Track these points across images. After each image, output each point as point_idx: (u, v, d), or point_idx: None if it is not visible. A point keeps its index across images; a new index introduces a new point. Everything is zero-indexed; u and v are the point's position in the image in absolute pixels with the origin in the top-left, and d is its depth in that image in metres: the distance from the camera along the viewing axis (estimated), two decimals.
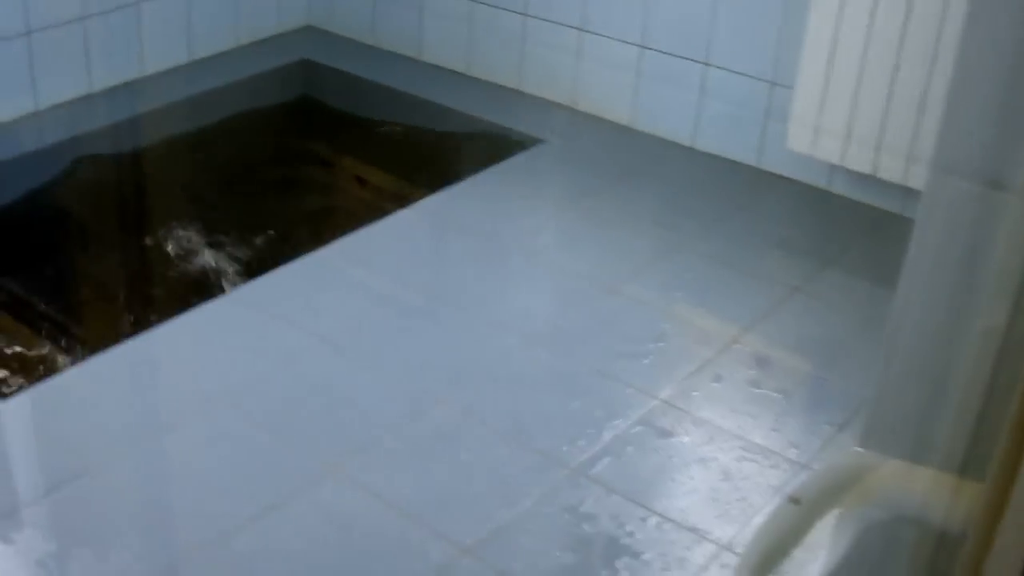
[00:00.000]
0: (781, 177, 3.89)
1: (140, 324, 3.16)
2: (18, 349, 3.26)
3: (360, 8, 4.70)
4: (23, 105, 4.03)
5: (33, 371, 3.05)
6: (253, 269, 3.52)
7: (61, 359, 3.14)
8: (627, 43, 4.08)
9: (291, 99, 4.59)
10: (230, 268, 3.60)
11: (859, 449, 2.19)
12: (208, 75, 4.47)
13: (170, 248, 3.80)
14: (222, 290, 3.37)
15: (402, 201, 3.75)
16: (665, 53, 4.02)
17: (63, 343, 3.30)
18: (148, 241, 3.82)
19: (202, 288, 3.39)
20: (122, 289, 3.60)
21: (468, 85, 4.44)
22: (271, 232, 3.74)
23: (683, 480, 2.65)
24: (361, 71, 4.55)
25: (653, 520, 2.53)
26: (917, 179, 3.44)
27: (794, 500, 2.20)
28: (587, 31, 4.16)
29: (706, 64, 3.95)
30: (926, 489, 1.96)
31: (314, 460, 2.64)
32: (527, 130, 4.12)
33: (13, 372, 3.08)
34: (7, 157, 3.88)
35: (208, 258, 3.73)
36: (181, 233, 3.87)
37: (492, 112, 4.25)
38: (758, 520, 2.52)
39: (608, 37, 4.12)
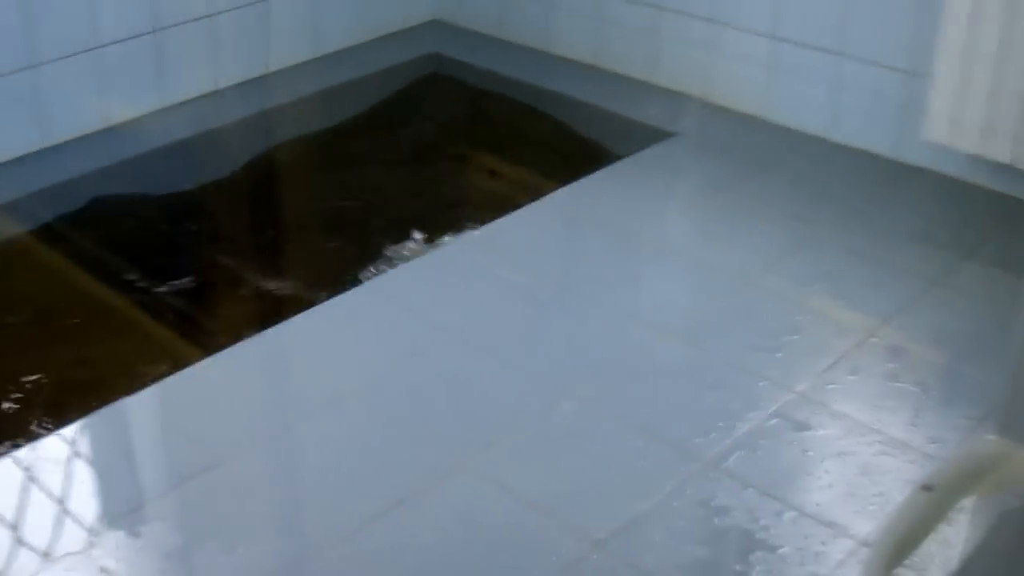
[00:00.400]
0: (919, 168, 3.80)
1: (272, 316, 3.17)
2: (151, 340, 3.30)
3: (487, 1, 4.70)
4: (150, 102, 4.10)
5: (165, 362, 3.09)
6: (386, 262, 3.53)
7: (193, 351, 3.17)
8: (759, 35, 4.02)
9: (419, 93, 4.60)
10: (363, 261, 3.61)
11: (994, 437, 2.14)
12: (336, 70, 4.50)
13: (302, 242, 3.83)
14: (357, 282, 3.38)
15: (534, 193, 3.74)
16: (798, 44, 3.96)
17: (195, 335, 3.34)
18: (279, 234, 3.86)
19: (336, 281, 3.40)
20: (255, 282, 3.63)
21: (598, 77, 4.42)
22: (405, 225, 3.75)
23: (819, 474, 2.60)
24: (489, 64, 4.55)
25: (789, 514, 2.49)
26: None
27: (927, 488, 2.15)
28: (718, 22, 4.11)
29: (840, 55, 3.88)
30: None
31: (444, 454, 2.64)
32: (659, 123, 4.09)
33: (147, 363, 3.12)
34: (134, 154, 3.94)
35: (339, 251, 3.75)
36: (312, 228, 3.90)
37: (623, 105, 4.22)
38: None
39: (740, 29, 4.07)
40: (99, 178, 3.86)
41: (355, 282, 3.36)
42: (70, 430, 2.72)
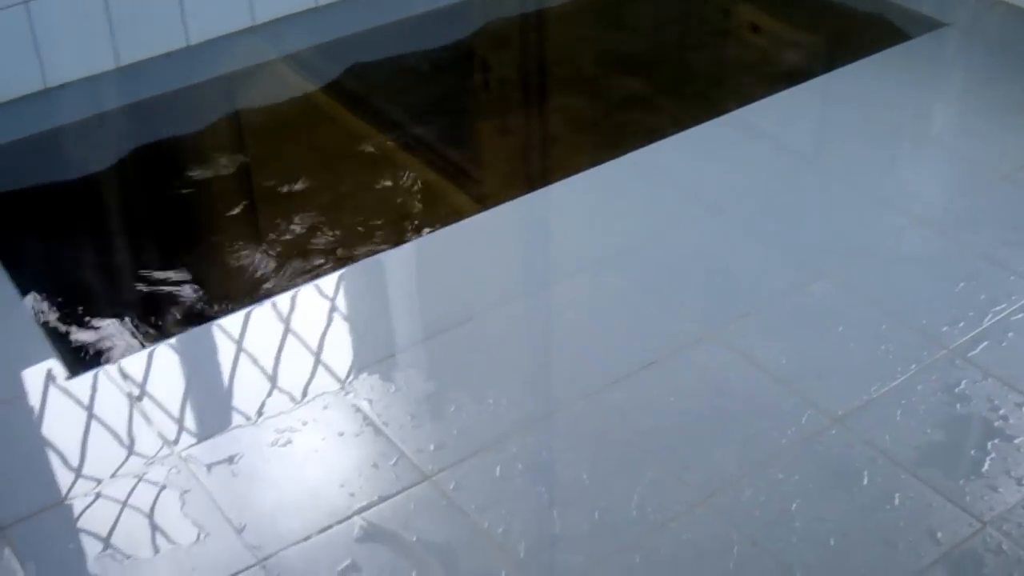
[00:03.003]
0: None
1: (538, 179, 3.33)
2: (425, 194, 3.48)
3: None
4: None
5: (433, 218, 3.26)
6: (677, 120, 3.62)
7: (463, 206, 3.34)
8: None
9: None
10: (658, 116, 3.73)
11: None
12: None
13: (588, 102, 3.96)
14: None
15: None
16: None
17: (467, 191, 3.50)
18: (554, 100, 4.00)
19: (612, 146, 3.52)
20: (526, 145, 3.79)
21: None
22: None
23: None
24: None
25: None
26: None
27: None
28: None
29: None
30: None
31: (694, 323, 2.77)
32: (931, 12, 4.07)
33: (413, 220, 3.30)
34: (424, 10, 4.12)
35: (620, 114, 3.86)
36: (581, 93, 4.02)
37: None
38: None
39: None
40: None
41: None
42: (330, 279, 2.95)
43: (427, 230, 3.17)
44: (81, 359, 2.81)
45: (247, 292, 3.04)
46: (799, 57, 4.12)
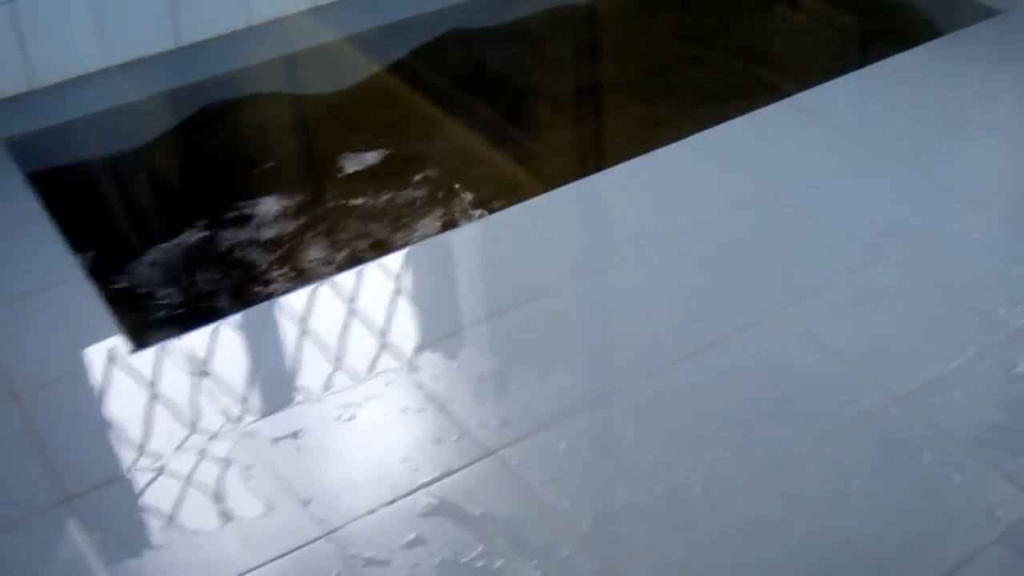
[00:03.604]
0: None
1: (600, 161, 3.35)
2: (488, 175, 3.51)
3: None
4: None
5: (499, 197, 3.29)
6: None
7: (527, 186, 3.37)
8: None
9: None
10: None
11: None
12: None
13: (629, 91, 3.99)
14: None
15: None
16: None
17: (530, 171, 3.54)
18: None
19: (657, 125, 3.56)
20: (589, 126, 3.82)
21: None
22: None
23: None
24: None
25: None
26: None
27: None
28: None
29: None
30: None
31: (754, 303, 2.79)
32: (986, 0, 4.06)
33: (480, 198, 3.34)
34: None
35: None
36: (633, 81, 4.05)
37: None
38: None
39: None
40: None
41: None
42: (395, 257, 2.98)
43: (486, 211, 3.19)
44: (145, 334, 2.85)
45: (310, 270, 3.08)
46: (857, 43, 4.12)
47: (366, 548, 2.24)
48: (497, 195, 3.31)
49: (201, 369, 2.63)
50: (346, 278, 2.90)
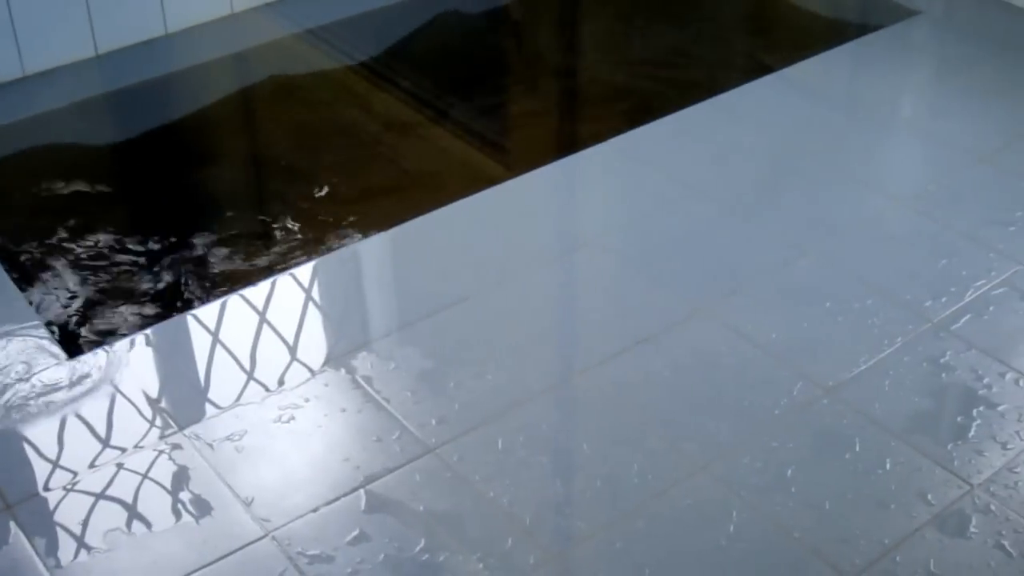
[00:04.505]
0: None
1: (529, 162, 3.38)
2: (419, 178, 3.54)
3: None
4: None
5: (428, 199, 3.31)
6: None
7: (455, 189, 3.39)
8: None
9: None
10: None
11: None
12: None
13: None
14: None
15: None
16: None
17: (458, 174, 3.56)
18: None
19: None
20: (514, 128, 3.86)
21: None
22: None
23: None
24: None
25: (1010, 375, 2.63)
26: None
27: None
28: None
29: None
30: None
31: (684, 300, 2.83)
32: (903, 1, 4.15)
33: (410, 200, 3.36)
34: None
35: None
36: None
37: None
38: None
39: None
40: None
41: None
42: (331, 258, 3.01)
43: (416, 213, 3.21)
44: (78, 343, 2.85)
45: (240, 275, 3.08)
46: (774, 46, 4.19)
47: (310, 545, 2.25)
48: (426, 197, 3.32)
49: (138, 375, 2.63)
50: (285, 278, 2.91)
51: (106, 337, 2.87)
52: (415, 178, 3.52)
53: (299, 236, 3.24)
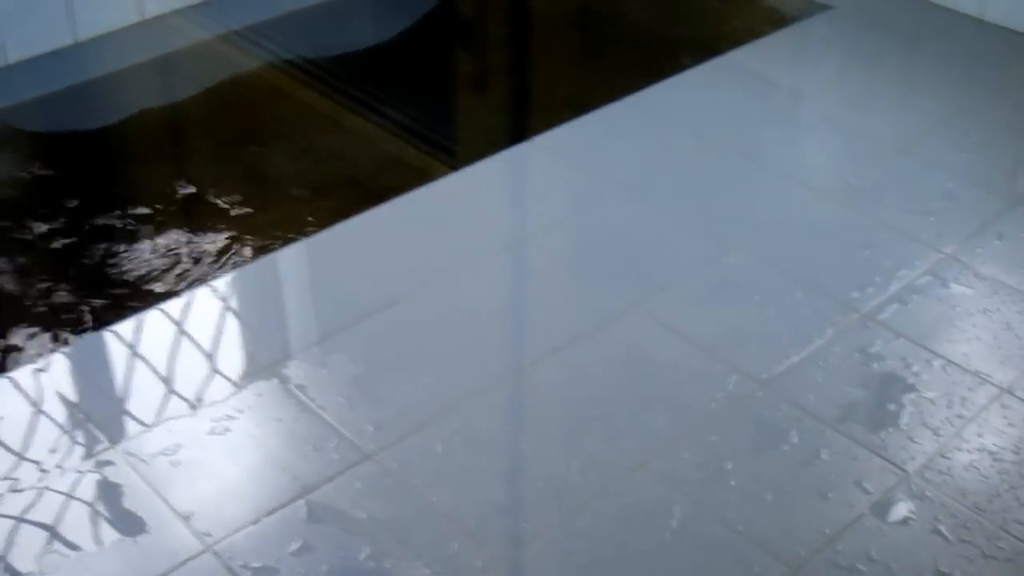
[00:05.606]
0: None
1: (455, 161, 3.38)
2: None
3: None
4: None
5: (353, 201, 3.30)
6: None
7: (381, 191, 3.38)
8: None
9: None
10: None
11: None
12: None
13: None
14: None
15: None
16: None
17: (384, 177, 3.54)
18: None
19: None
20: (440, 127, 3.85)
21: None
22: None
23: (966, 328, 2.77)
24: None
25: (937, 363, 2.67)
26: None
27: None
28: None
29: None
30: None
31: (614, 297, 2.85)
32: None
33: (337, 203, 3.34)
34: None
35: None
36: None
37: None
38: None
39: None
40: None
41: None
42: (255, 266, 2.99)
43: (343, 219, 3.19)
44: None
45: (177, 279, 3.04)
46: (691, 44, 4.21)
47: (252, 558, 2.23)
48: (354, 199, 3.30)
49: (67, 393, 2.59)
50: (206, 289, 2.88)
51: (17, 354, 2.82)
52: (342, 180, 3.49)
53: (224, 243, 3.20)
